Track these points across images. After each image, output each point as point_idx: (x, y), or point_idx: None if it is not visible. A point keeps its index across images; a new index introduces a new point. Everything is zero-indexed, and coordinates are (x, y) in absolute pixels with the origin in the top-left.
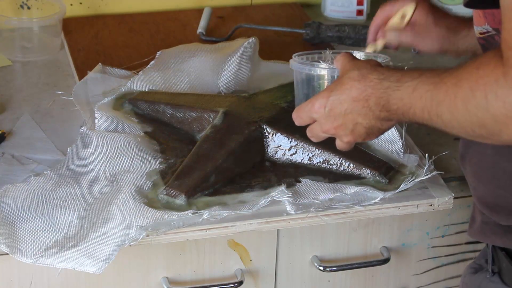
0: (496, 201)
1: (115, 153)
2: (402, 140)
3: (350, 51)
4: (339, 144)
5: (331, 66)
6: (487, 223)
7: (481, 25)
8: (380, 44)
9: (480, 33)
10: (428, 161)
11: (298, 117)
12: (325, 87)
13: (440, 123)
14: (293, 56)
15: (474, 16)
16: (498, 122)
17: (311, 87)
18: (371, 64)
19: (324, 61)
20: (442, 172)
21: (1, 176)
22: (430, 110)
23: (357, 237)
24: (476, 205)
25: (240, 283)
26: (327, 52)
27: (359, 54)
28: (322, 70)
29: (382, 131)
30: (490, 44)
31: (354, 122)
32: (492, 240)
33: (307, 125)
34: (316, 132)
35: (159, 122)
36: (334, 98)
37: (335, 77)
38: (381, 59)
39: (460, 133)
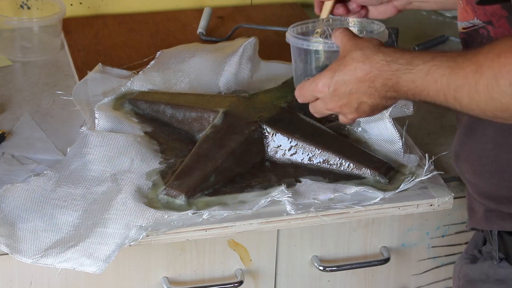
0: (502, 193)
1: (115, 153)
2: (402, 140)
3: (345, 18)
4: (343, 119)
5: (327, 41)
6: (491, 211)
7: (467, 20)
8: (328, 4)
9: (464, 28)
10: (428, 161)
11: (301, 96)
12: (321, 62)
13: (458, 105)
14: (289, 29)
15: (459, 12)
16: None
17: (309, 61)
18: (374, 43)
19: (319, 31)
20: (442, 172)
21: (1, 176)
22: (447, 93)
23: (357, 237)
24: (477, 199)
25: (240, 283)
26: (321, 21)
27: (353, 22)
28: (318, 45)
29: (386, 108)
30: (472, 38)
31: (359, 101)
32: (500, 226)
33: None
34: (319, 109)
35: (159, 122)
36: (338, 78)
37: (334, 51)
38: (376, 25)
39: (479, 115)
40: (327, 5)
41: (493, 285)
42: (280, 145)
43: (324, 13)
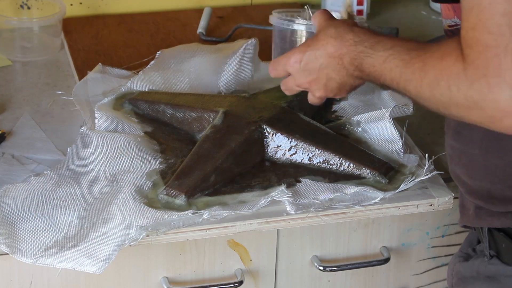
0: (492, 194)
1: (115, 153)
2: (402, 140)
3: (328, 11)
4: (311, 98)
5: (309, 23)
6: (481, 208)
7: (450, 18)
8: None
9: (449, 26)
10: (428, 161)
11: (274, 70)
12: (301, 43)
13: (408, 96)
14: (272, 12)
15: (443, 10)
16: (460, 110)
17: (289, 42)
18: (347, 23)
19: (303, 18)
20: (442, 172)
21: (1, 176)
22: (399, 83)
23: (357, 237)
24: (468, 198)
25: (240, 283)
26: (306, 9)
27: (334, 15)
28: (300, 26)
29: (353, 88)
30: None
31: (327, 77)
32: (489, 223)
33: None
34: (290, 86)
35: (159, 122)
36: (310, 53)
37: (314, 33)
38: (357, 19)
39: (425, 107)
40: None
41: (483, 282)
42: (280, 145)
43: None
